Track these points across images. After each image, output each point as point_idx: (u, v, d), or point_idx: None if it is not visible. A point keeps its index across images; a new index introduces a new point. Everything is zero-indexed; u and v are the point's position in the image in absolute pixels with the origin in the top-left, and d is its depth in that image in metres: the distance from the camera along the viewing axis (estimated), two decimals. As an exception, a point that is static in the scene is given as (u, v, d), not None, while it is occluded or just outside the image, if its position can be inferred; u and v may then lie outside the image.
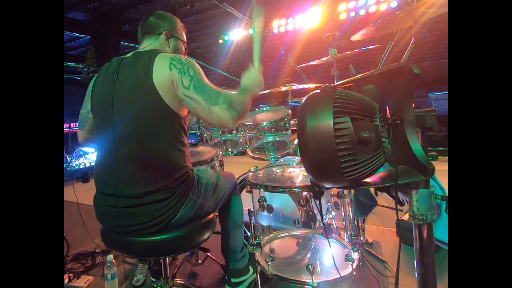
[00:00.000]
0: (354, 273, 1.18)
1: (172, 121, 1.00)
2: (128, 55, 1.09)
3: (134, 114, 0.98)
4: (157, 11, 1.22)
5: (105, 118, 1.03)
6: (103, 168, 1.04)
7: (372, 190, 1.20)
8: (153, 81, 0.96)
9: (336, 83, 0.80)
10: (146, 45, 1.16)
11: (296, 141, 1.74)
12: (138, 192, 0.97)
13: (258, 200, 1.41)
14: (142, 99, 0.97)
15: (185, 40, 1.28)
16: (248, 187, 1.40)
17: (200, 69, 1.04)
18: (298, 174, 1.46)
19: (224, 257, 1.43)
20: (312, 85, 1.83)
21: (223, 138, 2.07)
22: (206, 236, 1.11)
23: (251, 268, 1.45)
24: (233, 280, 1.41)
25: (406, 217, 1.79)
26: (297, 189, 1.23)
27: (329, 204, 1.54)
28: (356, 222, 1.42)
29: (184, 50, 1.28)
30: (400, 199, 0.67)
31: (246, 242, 1.47)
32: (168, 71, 0.98)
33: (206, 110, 0.96)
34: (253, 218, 1.36)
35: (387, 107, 0.62)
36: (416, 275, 0.64)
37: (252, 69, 1.09)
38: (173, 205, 0.99)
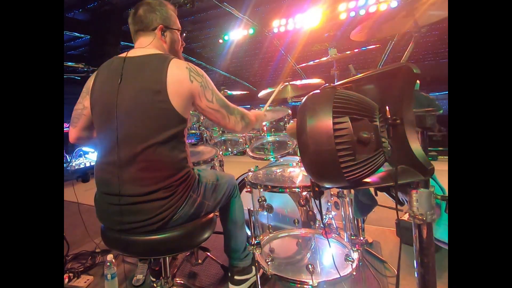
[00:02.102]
0: (354, 273, 1.18)
1: (178, 125, 1.02)
2: (131, 55, 1.08)
3: (140, 116, 0.98)
4: (145, 1, 1.15)
5: (108, 117, 1.02)
6: (105, 167, 1.03)
7: (372, 190, 1.21)
8: (167, 89, 0.98)
9: (336, 83, 0.80)
10: (144, 44, 1.13)
11: (290, 124, 1.74)
12: (141, 191, 0.97)
13: (258, 200, 1.41)
14: (150, 102, 0.98)
15: (179, 27, 1.23)
16: (248, 187, 1.40)
17: (210, 80, 1.13)
18: (298, 174, 1.46)
19: (227, 256, 1.44)
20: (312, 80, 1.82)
21: (223, 138, 2.07)
22: (206, 235, 1.11)
23: (253, 269, 1.45)
24: (236, 277, 1.41)
25: (406, 217, 1.79)
26: (297, 189, 1.23)
27: (329, 204, 1.54)
28: (356, 222, 1.42)
29: (180, 38, 1.24)
30: (400, 199, 0.67)
31: (246, 242, 1.47)
32: (188, 83, 1.03)
33: (226, 119, 1.14)
34: (253, 218, 1.36)
35: (387, 107, 0.62)
36: (416, 275, 0.64)
37: (262, 112, 1.44)
38: (173, 203, 1.00)
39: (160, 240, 1.00)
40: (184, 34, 1.29)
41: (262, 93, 1.91)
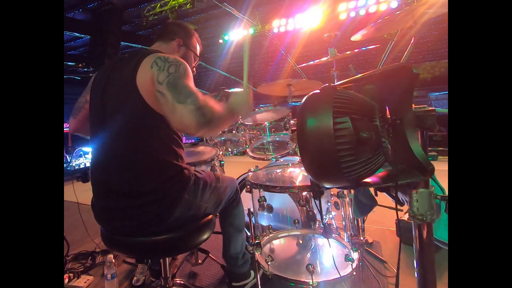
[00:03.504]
0: (354, 273, 1.18)
1: (159, 123, 0.95)
2: (127, 54, 1.10)
3: (122, 114, 0.97)
4: (180, 21, 1.26)
5: (97, 116, 1.03)
6: (96, 167, 1.04)
7: (372, 190, 1.21)
8: (136, 82, 0.94)
9: (336, 83, 0.80)
10: (155, 46, 1.17)
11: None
12: (129, 192, 0.96)
13: (258, 200, 1.41)
14: (128, 99, 0.96)
15: (198, 54, 1.28)
16: (248, 187, 1.40)
17: (187, 70, 0.96)
18: (298, 174, 1.46)
19: (226, 262, 1.43)
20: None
21: (223, 138, 2.07)
22: (205, 237, 1.10)
23: (252, 273, 1.45)
24: (234, 284, 1.41)
25: (406, 217, 1.79)
26: (297, 189, 1.23)
27: (329, 204, 1.54)
28: (356, 222, 1.43)
29: (194, 62, 1.27)
30: (400, 199, 0.67)
31: (246, 242, 1.47)
32: (149, 70, 0.93)
33: (169, 107, 0.85)
34: (253, 218, 1.36)
35: (387, 107, 0.62)
36: (416, 275, 0.64)
37: (244, 92, 1.08)
38: (166, 206, 0.97)
39: (157, 241, 0.99)
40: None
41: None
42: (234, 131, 2.00)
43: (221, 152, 1.87)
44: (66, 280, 1.65)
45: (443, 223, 1.10)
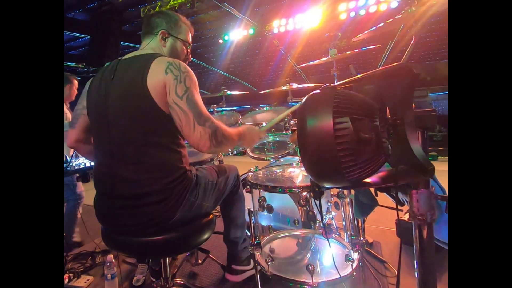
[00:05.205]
0: (354, 273, 1.18)
1: (166, 124, 0.99)
2: (126, 56, 1.09)
3: (128, 116, 0.98)
4: (162, 10, 1.22)
5: (100, 119, 1.03)
6: (100, 168, 1.04)
7: (372, 190, 1.20)
8: (147, 84, 0.95)
9: (336, 83, 0.80)
10: (144, 45, 1.16)
11: (292, 136, 1.73)
12: (134, 193, 0.96)
13: (258, 200, 1.41)
14: (136, 102, 0.97)
15: (188, 40, 1.24)
16: (248, 187, 1.40)
17: (196, 82, 1.03)
18: (298, 174, 1.46)
19: (226, 245, 1.45)
20: (312, 85, 1.83)
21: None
22: (205, 236, 1.10)
23: (252, 262, 1.45)
24: (233, 266, 1.42)
25: (406, 217, 1.79)
26: (297, 189, 1.23)
27: (329, 204, 1.54)
28: (356, 222, 1.42)
29: (184, 50, 1.24)
30: (400, 199, 0.67)
31: (247, 231, 1.47)
32: (163, 75, 0.97)
33: (191, 126, 0.95)
34: (253, 218, 1.36)
35: (387, 107, 0.62)
36: (416, 275, 0.64)
37: (258, 129, 1.25)
38: (170, 207, 0.98)
39: (158, 241, 0.99)
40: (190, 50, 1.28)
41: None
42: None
43: (221, 152, 1.87)
44: (66, 280, 1.65)
45: (444, 224, 1.10)
